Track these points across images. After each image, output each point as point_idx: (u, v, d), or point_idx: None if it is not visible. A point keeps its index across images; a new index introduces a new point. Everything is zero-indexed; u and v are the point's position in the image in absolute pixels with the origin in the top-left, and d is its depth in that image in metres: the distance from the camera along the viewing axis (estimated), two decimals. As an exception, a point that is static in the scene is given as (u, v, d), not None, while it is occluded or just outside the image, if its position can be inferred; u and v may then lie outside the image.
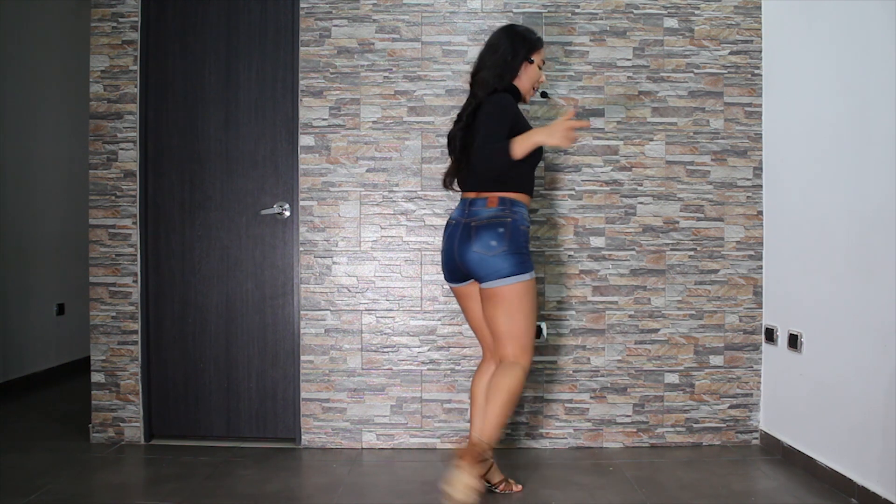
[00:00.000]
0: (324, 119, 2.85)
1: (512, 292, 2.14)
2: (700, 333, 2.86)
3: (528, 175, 2.25)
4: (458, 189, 2.34)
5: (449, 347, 2.84)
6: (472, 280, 2.25)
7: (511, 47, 2.24)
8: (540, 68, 2.31)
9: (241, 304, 2.88)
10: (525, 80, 2.29)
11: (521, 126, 2.19)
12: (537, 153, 2.21)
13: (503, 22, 2.79)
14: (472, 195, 2.22)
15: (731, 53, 2.87)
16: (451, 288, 2.36)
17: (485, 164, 2.09)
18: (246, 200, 2.88)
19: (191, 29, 2.88)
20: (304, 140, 2.85)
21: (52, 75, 4.08)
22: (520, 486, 2.36)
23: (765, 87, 2.86)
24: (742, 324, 2.87)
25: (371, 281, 2.85)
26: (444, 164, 2.62)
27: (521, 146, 2.03)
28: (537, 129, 2.09)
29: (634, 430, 2.85)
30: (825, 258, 2.44)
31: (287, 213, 2.87)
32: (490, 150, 2.06)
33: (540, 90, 2.39)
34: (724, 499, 2.29)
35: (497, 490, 2.32)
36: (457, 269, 2.23)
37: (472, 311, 2.33)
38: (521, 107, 2.81)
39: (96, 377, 2.86)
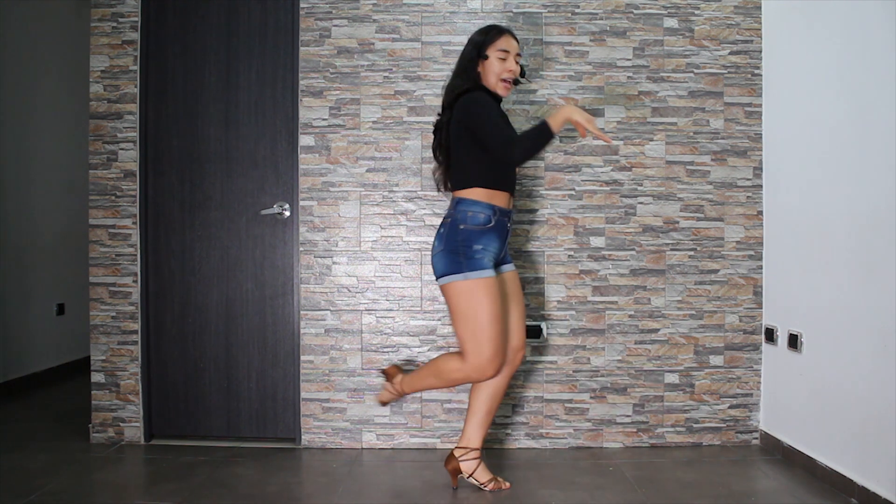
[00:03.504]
0: (324, 119, 2.85)
1: (447, 293, 2.21)
2: (700, 333, 2.86)
3: (485, 166, 2.19)
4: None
5: (449, 347, 2.83)
6: None
7: (472, 47, 2.26)
8: (503, 59, 2.23)
9: (241, 304, 2.88)
10: (487, 76, 2.26)
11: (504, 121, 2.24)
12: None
13: (503, 22, 2.79)
14: None
15: (731, 53, 2.87)
16: None
17: (529, 156, 2.13)
18: (246, 200, 2.88)
19: (191, 29, 2.88)
20: (304, 140, 2.85)
21: (52, 75, 4.08)
22: (508, 484, 2.36)
23: (765, 87, 2.86)
24: (742, 324, 2.87)
25: (371, 281, 2.85)
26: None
27: (556, 122, 2.07)
28: (566, 106, 2.11)
29: (634, 430, 2.85)
30: (825, 258, 2.44)
31: (287, 213, 2.87)
32: (530, 142, 2.07)
33: (513, 79, 2.27)
34: (724, 499, 2.29)
35: (486, 489, 2.32)
36: None
37: None
38: (520, 106, 2.82)
39: (96, 377, 2.86)
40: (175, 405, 2.89)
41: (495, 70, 2.25)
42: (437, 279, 2.23)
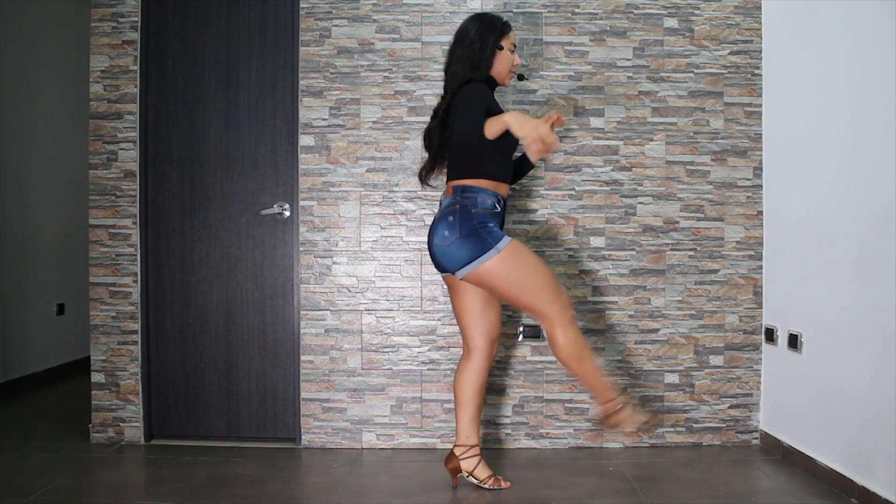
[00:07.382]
0: (324, 119, 2.85)
1: (490, 272, 2.13)
2: (700, 333, 2.86)
3: (494, 160, 2.22)
4: (432, 185, 2.45)
5: (449, 347, 2.84)
6: None
7: (479, 37, 2.23)
8: (512, 52, 2.29)
9: (241, 304, 2.88)
10: (499, 66, 2.27)
11: (496, 113, 2.19)
12: (507, 139, 2.16)
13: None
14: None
15: (731, 53, 2.87)
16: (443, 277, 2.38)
17: (462, 139, 2.11)
18: (246, 200, 2.88)
19: (191, 29, 2.88)
20: (304, 140, 2.85)
21: (52, 75, 4.08)
22: (508, 483, 2.36)
23: (765, 87, 2.86)
24: (742, 324, 2.87)
25: (371, 281, 2.85)
26: (443, 165, 2.61)
27: (492, 125, 2.00)
28: (513, 112, 2.03)
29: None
30: (825, 258, 2.44)
31: (287, 213, 2.87)
32: (467, 124, 2.05)
33: (517, 73, 2.37)
34: (724, 499, 2.29)
35: (486, 486, 2.32)
36: (436, 261, 2.26)
37: (455, 301, 2.35)
38: (520, 106, 2.82)
39: (96, 377, 2.86)
40: (175, 405, 2.89)
41: (507, 62, 2.28)
42: (464, 268, 2.13)
